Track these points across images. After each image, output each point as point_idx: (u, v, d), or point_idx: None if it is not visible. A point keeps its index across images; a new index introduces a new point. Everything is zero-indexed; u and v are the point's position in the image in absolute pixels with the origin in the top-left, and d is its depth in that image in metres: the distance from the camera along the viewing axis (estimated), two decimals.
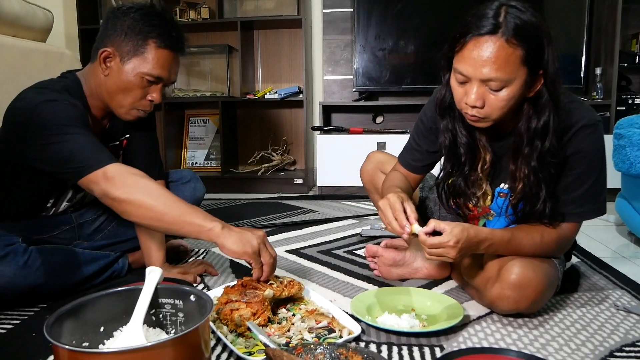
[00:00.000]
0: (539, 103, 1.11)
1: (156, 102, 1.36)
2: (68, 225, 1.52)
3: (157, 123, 3.30)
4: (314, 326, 1.12)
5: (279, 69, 3.54)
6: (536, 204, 1.18)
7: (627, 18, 3.13)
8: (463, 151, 1.25)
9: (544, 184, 1.16)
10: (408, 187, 1.38)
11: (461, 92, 1.11)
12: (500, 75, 1.04)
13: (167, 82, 1.35)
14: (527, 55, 1.04)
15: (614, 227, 2.27)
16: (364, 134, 3.12)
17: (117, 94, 1.33)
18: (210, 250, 1.84)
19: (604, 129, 2.83)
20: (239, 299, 1.15)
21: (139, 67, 1.29)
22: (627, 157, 1.90)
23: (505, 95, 1.07)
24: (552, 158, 1.14)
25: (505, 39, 1.02)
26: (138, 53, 1.29)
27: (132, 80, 1.30)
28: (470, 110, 1.11)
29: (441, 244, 1.10)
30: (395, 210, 1.14)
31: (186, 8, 3.36)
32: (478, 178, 1.28)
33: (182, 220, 1.15)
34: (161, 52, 1.30)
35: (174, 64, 1.35)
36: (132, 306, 0.93)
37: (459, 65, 1.08)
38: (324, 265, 1.67)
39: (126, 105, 1.34)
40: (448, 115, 1.25)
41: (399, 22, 3.17)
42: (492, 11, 1.05)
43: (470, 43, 1.05)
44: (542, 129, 1.12)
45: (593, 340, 1.11)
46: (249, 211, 2.59)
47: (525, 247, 1.19)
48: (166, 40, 1.30)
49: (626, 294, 1.40)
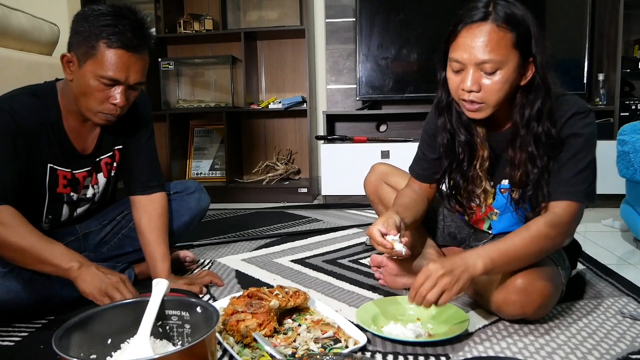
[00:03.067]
0: (531, 91, 1.17)
1: (120, 105, 1.29)
2: (73, 236, 1.54)
3: (162, 134, 3.36)
4: (320, 336, 1.13)
5: (283, 79, 3.56)
6: (529, 188, 1.20)
7: (629, 24, 3.14)
8: (461, 149, 1.29)
9: (538, 168, 1.19)
10: (416, 199, 1.40)
11: (457, 80, 1.17)
12: (494, 57, 1.10)
13: (126, 83, 1.28)
14: (517, 39, 1.11)
15: (619, 233, 2.26)
16: (368, 142, 3.13)
17: (80, 98, 1.30)
18: (216, 261, 1.85)
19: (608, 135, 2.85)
20: (244, 310, 1.15)
21: (93, 69, 1.25)
22: (632, 163, 1.90)
23: (499, 78, 1.12)
24: (547, 139, 1.17)
25: (496, 24, 1.10)
26: (91, 55, 1.25)
27: (90, 84, 1.26)
28: (468, 96, 1.16)
29: (433, 282, 1.09)
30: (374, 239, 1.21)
31: (190, 20, 3.39)
32: (477, 175, 1.30)
33: (40, 260, 1.23)
34: (113, 52, 1.24)
35: (131, 64, 1.27)
36: (139, 318, 0.94)
37: (454, 53, 1.15)
38: (329, 274, 1.68)
39: (91, 109, 1.30)
40: (446, 114, 1.30)
41: (401, 31, 3.19)
42: (482, 3, 1.14)
43: (463, 31, 1.13)
44: (536, 114, 1.17)
45: (599, 349, 1.11)
46: (254, 221, 2.60)
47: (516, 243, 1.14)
48: (117, 40, 1.24)
49: (632, 301, 1.40)
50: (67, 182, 1.42)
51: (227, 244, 2.11)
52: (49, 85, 1.39)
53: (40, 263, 1.24)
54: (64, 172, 1.40)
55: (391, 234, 1.19)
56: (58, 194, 1.41)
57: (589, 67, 3.05)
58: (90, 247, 1.59)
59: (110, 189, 1.59)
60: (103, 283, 1.22)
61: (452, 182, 1.34)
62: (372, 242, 1.22)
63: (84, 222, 1.57)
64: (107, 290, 1.21)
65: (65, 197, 1.43)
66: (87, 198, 1.51)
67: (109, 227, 1.63)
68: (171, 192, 1.67)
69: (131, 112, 1.47)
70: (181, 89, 3.64)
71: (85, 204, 1.51)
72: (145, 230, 1.49)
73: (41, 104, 1.34)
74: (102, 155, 1.49)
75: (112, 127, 1.46)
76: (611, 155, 2.06)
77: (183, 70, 3.61)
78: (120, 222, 1.63)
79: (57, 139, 1.37)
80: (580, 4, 3.01)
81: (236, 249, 2.03)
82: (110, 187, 1.58)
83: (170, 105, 3.52)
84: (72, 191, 1.44)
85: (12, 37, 1.93)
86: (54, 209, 1.43)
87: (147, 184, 1.52)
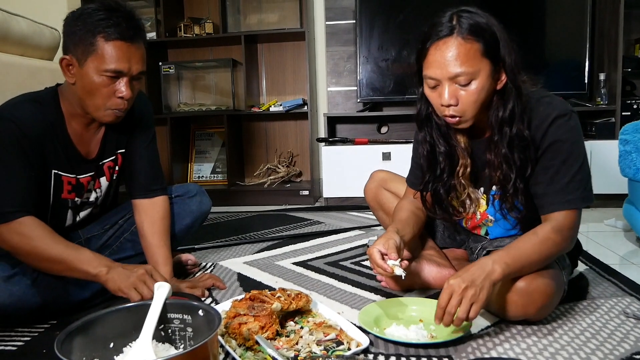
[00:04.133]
0: (504, 93, 1.18)
1: (126, 98, 1.30)
2: (76, 240, 1.53)
3: (163, 138, 3.37)
4: (322, 339, 1.12)
5: (283, 82, 3.57)
6: (507, 186, 1.22)
7: (630, 23, 3.14)
8: (442, 159, 1.31)
9: (514, 168, 1.20)
10: (414, 211, 1.42)
11: (435, 96, 1.19)
12: (465, 69, 1.12)
13: (129, 73, 1.29)
14: (484, 47, 1.13)
15: (622, 233, 2.26)
16: (369, 144, 3.13)
17: (86, 98, 1.31)
18: (218, 264, 1.85)
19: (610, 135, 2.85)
20: (247, 313, 1.15)
21: (95, 65, 1.26)
22: (634, 163, 1.90)
23: (474, 88, 1.14)
24: (520, 142, 1.18)
25: (461, 37, 1.12)
26: (90, 52, 1.25)
27: (94, 81, 1.27)
28: (447, 111, 1.17)
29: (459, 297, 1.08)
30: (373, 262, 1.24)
31: (190, 23, 3.40)
32: (459, 183, 1.32)
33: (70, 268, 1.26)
34: (112, 44, 1.25)
35: (131, 54, 1.28)
36: (141, 322, 0.94)
37: (427, 71, 1.17)
38: (331, 277, 1.67)
39: (100, 107, 1.31)
40: (425, 127, 1.32)
41: (401, 32, 3.19)
42: (445, 18, 1.16)
43: (431, 48, 1.15)
44: (509, 116, 1.18)
45: (603, 349, 1.11)
46: (256, 224, 2.60)
47: (526, 248, 1.16)
48: (114, 32, 1.25)
49: (635, 300, 1.39)
50: (72, 187, 1.42)
51: (229, 247, 2.11)
52: (50, 91, 1.39)
53: (69, 270, 1.27)
54: (68, 177, 1.40)
55: (392, 258, 1.20)
56: (62, 200, 1.41)
57: (590, 67, 3.05)
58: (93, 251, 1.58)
59: (112, 193, 1.59)
60: (130, 278, 1.24)
61: (434, 191, 1.35)
62: (372, 263, 1.24)
63: (87, 226, 1.57)
64: (135, 284, 1.23)
65: (69, 202, 1.44)
66: (90, 202, 1.51)
67: (111, 231, 1.62)
68: (173, 195, 1.68)
69: (133, 116, 1.48)
70: (182, 93, 3.64)
71: (87, 207, 1.51)
72: (147, 234, 1.49)
73: (44, 110, 1.34)
74: (106, 159, 1.49)
75: (114, 130, 1.47)
76: (613, 154, 2.06)
77: (184, 73, 3.62)
78: (123, 226, 1.63)
79: (61, 144, 1.37)
80: (580, 4, 3.01)
81: (238, 252, 2.02)
82: (112, 191, 1.58)
83: (172, 109, 3.53)
84: (77, 196, 1.44)
85: (12, 43, 1.94)
86: (57, 214, 1.43)
87: (149, 188, 1.52)
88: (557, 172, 1.19)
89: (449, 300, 1.09)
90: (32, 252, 1.24)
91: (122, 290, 1.23)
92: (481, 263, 1.13)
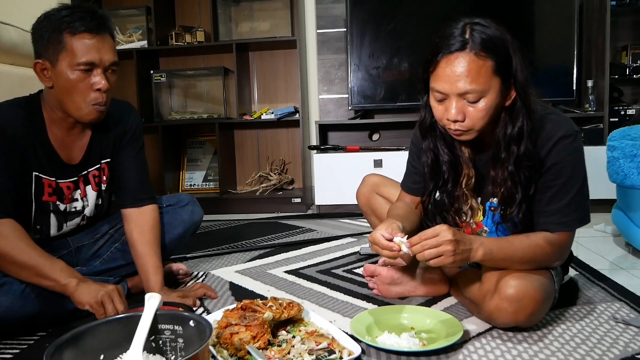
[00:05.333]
0: (513, 110, 1.17)
1: (104, 89, 1.32)
2: (65, 249, 1.53)
3: (155, 146, 3.36)
4: (314, 348, 1.12)
5: (275, 90, 3.58)
6: (512, 205, 1.21)
7: (616, 31, 3.18)
8: (445, 168, 1.30)
9: (520, 187, 1.20)
10: (409, 212, 1.40)
11: (441, 109, 1.17)
12: (475, 87, 1.10)
13: (102, 64, 1.31)
14: (497, 65, 1.10)
15: (611, 238, 2.28)
16: (361, 151, 3.14)
17: (66, 99, 1.32)
18: (210, 273, 1.85)
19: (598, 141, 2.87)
20: (238, 323, 1.15)
21: (67, 62, 1.28)
22: (621, 169, 1.92)
23: (483, 105, 1.12)
24: (527, 161, 1.18)
25: (474, 52, 1.09)
26: (60, 50, 1.27)
27: (69, 78, 1.29)
28: (453, 125, 1.16)
29: (438, 242, 1.10)
30: (379, 243, 1.18)
31: (182, 32, 3.40)
32: (462, 194, 1.31)
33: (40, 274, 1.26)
34: (79, 37, 1.27)
35: (100, 45, 1.30)
36: (131, 333, 0.94)
37: (435, 84, 1.15)
38: (323, 285, 1.67)
39: (80, 106, 1.32)
40: (429, 135, 1.31)
41: (392, 40, 3.21)
42: (457, 30, 1.12)
43: (442, 62, 1.12)
44: (517, 135, 1.17)
45: (593, 354, 1.12)
46: (248, 232, 2.59)
47: (516, 245, 1.19)
48: (80, 25, 1.27)
49: (625, 305, 1.40)
50: (52, 190, 1.42)
51: (221, 256, 2.11)
52: (32, 97, 1.41)
53: (38, 277, 1.26)
54: (48, 180, 1.40)
55: (398, 236, 1.17)
56: (44, 203, 1.41)
57: (578, 74, 3.08)
58: (83, 260, 1.58)
59: (105, 205, 1.58)
60: (99, 293, 1.24)
61: (437, 200, 1.34)
62: (376, 247, 1.19)
63: (76, 235, 1.56)
64: (102, 299, 1.23)
65: (51, 205, 1.43)
66: (77, 211, 1.50)
67: (101, 241, 1.62)
68: (164, 205, 1.67)
69: (119, 126, 1.49)
70: (174, 101, 3.64)
71: (74, 217, 1.51)
72: (137, 243, 1.48)
73: (25, 114, 1.35)
74: (90, 168, 1.50)
75: (100, 138, 1.47)
76: (601, 160, 2.08)
77: (175, 82, 3.62)
78: (113, 236, 1.63)
79: (42, 148, 1.38)
80: (568, 12, 3.05)
81: (230, 261, 2.02)
82: (105, 203, 1.58)
83: (163, 117, 3.52)
84: (58, 200, 1.44)
85: (2, 51, 1.93)
86: (41, 218, 1.43)
87: (138, 197, 1.52)
88: (557, 193, 1.20)
89: (430, 237, 1.11)
90: (4, 253, 1.24)
91: (89, 304, 1.23)
92: (473, 238, 1.17)
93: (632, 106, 3.14)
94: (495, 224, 1.28)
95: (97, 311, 1.22)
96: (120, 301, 1.25)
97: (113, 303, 1.23)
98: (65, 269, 1.28)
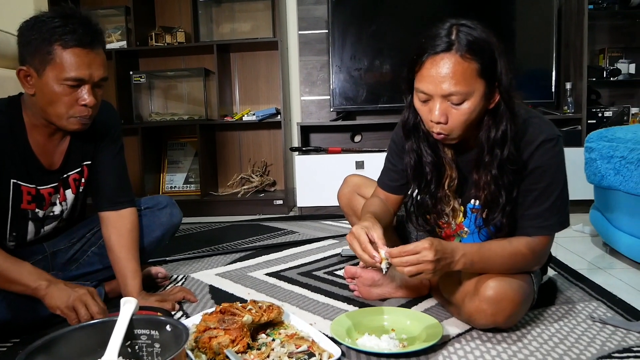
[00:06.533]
0: (497, 114, 1.16)
1: (90, 105, 1.27)
2: (41, 254, 1.49)
3: (135, 148, 3.32)
4: (294, 351, 1.11)
5: (257, 91, 3.56)
6: (495, 210, 1.21)
7: (594, 34, 3.24)
8: (428, 169, 1.29)
9: (504, 190, 1.20)
10: (385, 210, 1.40)
11: (425, 110, 1.17)
12: (460, 89, 1.09)
13: (91, 80, 1.26)
14: (482, 67, 1.09)
15: (589, 238, 2.31)
16: (343, 153, 3.14)
17: (48, 108, 1.27)
18: (190, 276, 1.82)
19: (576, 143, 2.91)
20: (217, 326, 1.14)
21: (55, 75, 1.23)
22: (598, 170, 1.95)
23: (466, 108, 1.12)
24: (511, 165, 1.18)
25: (460, 54, 1.08)
26: (48, 61, 1.22)
27: (55, 91, 1.24)
28: (436, 127, 1.15)
29: (416, 249, 1.10)
30: (362, 243, 1.15)
31: (162, 32, 3.37)
32: (445, 195, 1.30)
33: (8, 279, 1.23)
34: (70, 52, 1.22)
35: (91, 60, 1.25)
36: (106, 339, 0.92)
37: (420, 84, 1.14)
38: (304, 287, 1.66)
39: (62, 116, 1.28)
40: (413, 136, 1.30)
41: (374, 42, 3.22)
42: (444, 31, 1.11)
43: (427, 62, 1.11)
44: (500, 138, 1.16)
45: (570, 354, 1.13)
46: (229, 234, 2.57)
47: (497, 251, 1.20)
48: (71, 39, 1.22)
49: (602, 305, 1.42)
50: (32, 197, 1.38)
51: (201, 259, 2.08)
52: (13, 100, 1.36)
53: (7, 282, 1.23)
54: (28, 187, 1.37)
55: (383, 249, 1.14)
56: (22, 210, 1.38)
57: (556, 76, 3.12)
58: (59, 265, 1.55)
59: (79, 206, 1.55)
60: (70, 297, 1.21)
61: (420, 201, 1.34)
62: (354, 245, 1.16)
63: (52, 240, 1.53)
64: (74, 304, 1.20)
65: (30, 213, 1.40)
66: (55, 215, 1.47)
67: (78, 245, 1.59)
68: (142, 207, 1.65)
69: (99, 127, 1.45)
70: (154, 102, 3.60)
71: (52, 221, 1.48)
72: (114, 247, 1.46)
73: (5, 119, 1.31)
74: (70, 172, 1.46)
75: (80, 142, 1.44)
76: (579, 162, 2.11)
77: (155, 83, 3.58)
78: (90, 240, 1.60)
79: (22, 154, 1.34)
80: (547, 16, 3.09)
81: (210, 264, 2.00)
82: (79, 204, 1.55)
83: (143, 118, 3.48)
84: (37, 207, 1.41)
85: None
86: (18, 225, 1.39)
87: (116, 200, 1.49)
88: (537, 197, 1.21)
89: (412, 254, 1.10)
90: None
91: (60, 308, 1.20)
92: (457, 249, 1.16)
93: (609, 108, 3.20)
94: (477, 227, 1.28)
95: (69, 316, 1.20)
96: (94, 304, 1.22)
97: (86, 307, 1.20)
98: (33, 271, 1.25)
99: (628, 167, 1.78)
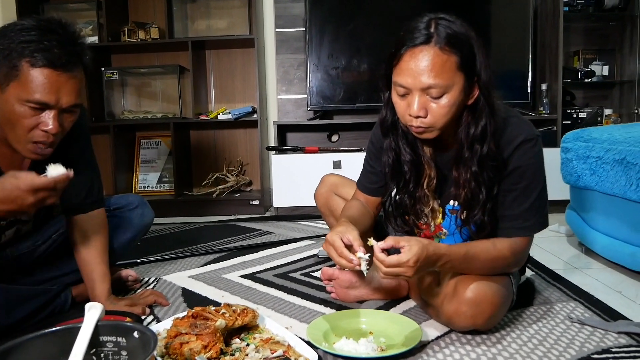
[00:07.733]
0: (476, 109, 1.15)
1: (52, 132, 1.13)
2: (3, 260, 1.42)
3: (106, 146, 3.24)
4: (269, 356, 1.08)
5: (232, 89, 3.50)
6: (475, 207, 1.19)
7: (569, 36, 3.27)
8: (407, 168, 1.26)
9: (484, 187, 1.18)
10: (364, 213, 1.37)
11: (403, 105, 1.14)
12: (439, 82, 1.07)
13: (58, 106, 1.12)
14: (461, 61, 1.08)
15: (565, 238, 2.32)
16: (320, 152, 3.11)
17: (6, 127, 1.14)
18: (162, 279, 1.77)
19: (552, 143, 2.94)
20: (188, 332, 1.09)
21: (17, 93, 1.09)
22: (574, 170, 1.96)
23: (446, 102, 1.10)
24: (491, 161, 1.16)
25: (439, 47, 1.07)
26: (13, 77, 1.09)
27: (14, 111, 1.10)
28: (415, 122, 1.13)
29: (399, 263, 1.07)
30: (337, 248, 1.12)
31: (135, 28, 3.28)
32: (424, 195, 1.28)
33: None
34: (38, 71, 1.08)
35: (61, 85, 1.11)
36: (69, 347, 0.87)
37: (398, 78, 1.11)
38: (280, 289, 1.62)
39: (20, 140, 1.14)
40: (391, 134, 1.27)
41: (352, 40, 3.20)
42: (423, 24, 1.10)
43: (406, 55, 1.09)
44: (480, 134, 1.15)
45: (550, 355, 1.12)
46: (203, 235, 2.51)
47: (480, 257, 1.18)
48: (42, 58, 1.08)
49: (580, 305, 1.42)
50: None
51: (174, 261, 2.02)
52: None
53: None
54: None
55: (361, 251, 1.10)
56: None
57: (532, 78, 3.15)
58: (24, 270, 1.47)
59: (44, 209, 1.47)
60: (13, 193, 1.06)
61: (398, 201, 1.31)
62: (331, 252, 1.13)
63: (15, 245, 1.45)
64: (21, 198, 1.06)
65: None
66: (20, 220, 1.40)
67: (43, 247, 1.51)
68: (112, 207, 1.59)
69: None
70: (126, 100, 3.51)
71: (16, 224, 1.40)
72: (82, 249, 1.39)
73: None
74: None
75: None
76: (555, 162, 2.12)
77: (128, 80, 3.49)
78: (57, 241, 1.52)
79: None
80: (523, 17, 3.11)
81: (183, 266, 1.94)
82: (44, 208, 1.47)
83: (115, 116, 3.39)
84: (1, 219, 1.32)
85: None
86: None
87: (83, 200, 1.43)
88: (517, 197, 1.19)
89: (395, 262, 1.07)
90: None
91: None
92: (439, 254, 1.12)
93: (584, 109, 3.24)
94: (458, 227, 1.25)
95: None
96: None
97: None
98: None
99: (604, 168, 1.79)
